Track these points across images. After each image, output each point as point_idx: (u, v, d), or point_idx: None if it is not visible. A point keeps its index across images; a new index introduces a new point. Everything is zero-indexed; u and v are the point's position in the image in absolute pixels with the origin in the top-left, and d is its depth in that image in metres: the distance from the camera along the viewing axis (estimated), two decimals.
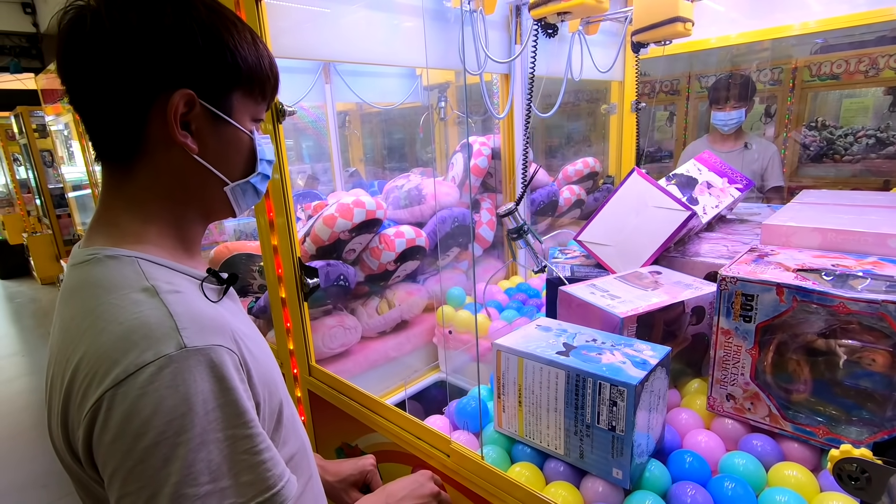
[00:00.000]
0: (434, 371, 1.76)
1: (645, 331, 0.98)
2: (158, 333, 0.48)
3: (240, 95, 0.61)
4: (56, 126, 5.28)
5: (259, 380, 0.57)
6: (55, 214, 6.16)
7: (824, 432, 0.81)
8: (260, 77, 0.62)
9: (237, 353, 0.54)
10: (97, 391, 0.47)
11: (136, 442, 0.46)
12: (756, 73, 3.19)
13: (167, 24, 0.54)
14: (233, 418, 0.50)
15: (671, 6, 1.45)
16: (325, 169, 2.70)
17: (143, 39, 0.54)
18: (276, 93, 0.67)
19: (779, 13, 1.94)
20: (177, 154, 0.59)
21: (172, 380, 0.47)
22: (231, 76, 0.59)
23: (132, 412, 0.46)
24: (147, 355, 0.47)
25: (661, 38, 1.59)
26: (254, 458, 0.51)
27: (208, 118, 0.59)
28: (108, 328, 0.49)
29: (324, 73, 2.32)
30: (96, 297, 0.52)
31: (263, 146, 0.67)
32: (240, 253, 1.81)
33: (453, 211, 1.86)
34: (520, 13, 1.79)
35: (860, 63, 2.85)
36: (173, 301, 0.52)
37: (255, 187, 0.67)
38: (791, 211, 1.13)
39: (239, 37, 0.59)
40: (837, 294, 0.76)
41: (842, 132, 3.07)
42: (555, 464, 0.88)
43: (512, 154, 1.96)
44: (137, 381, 0.46)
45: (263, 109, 0.67)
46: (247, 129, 0.63)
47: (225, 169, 0.63)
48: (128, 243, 0.57)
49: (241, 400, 0.51)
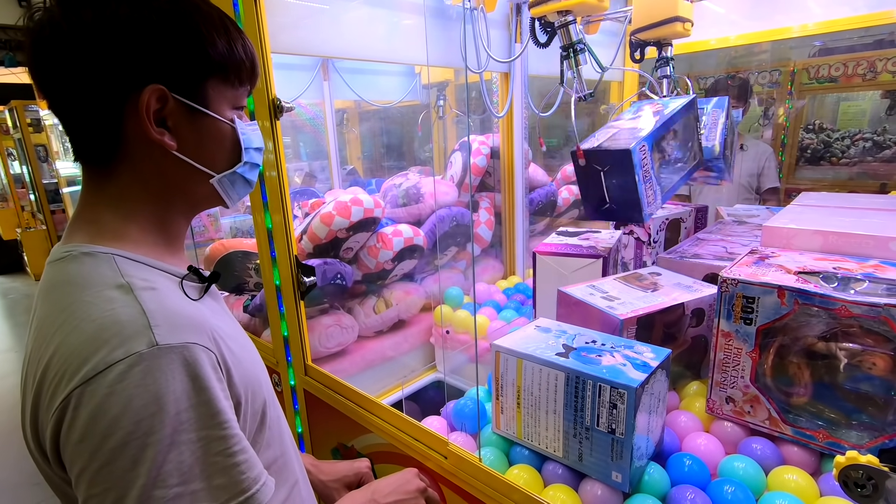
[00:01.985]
0: (431, 371, 1.75)
1: (644, 332, 0.97)
2: (130, 331, 0.47)
3: (215, 84, 0.59)
4: (51, 120, 5.24)
5: (240, 379, 0.56)
6: (49, 210, 6.11)
7: (824, 436, 0.80)
8: (234, 62, 0.60)
9: (215, 351, 0.52)
10: (65, 389, 0.46)
11: (103, 442, 0.44)
12: (755, 75, 3.20)
13: (123, 17, 0.52)
14: (206, 419, 0.48)
15: (671, 5, 1.44)
16: (322, 167, 2.69)
17: (101, 36, 0.52)
18: (256, 76, 0.64)
19: (778, 15, 1.94)
20: (157, 152, 0.57)
21: (143, 378, 0.46)
22: (202, 65, 0.57)
23: (100, 411, 0.45)
24: (117, 353, 0.46)
25: (661, 38, 1.55)
26: (228, 459, 0.49)
27: (184, 112, 0.57)
28: (80, 326, 0.48)
29: (322, 70, 2.31)
30: (70, 294, 0.51)
31: (249, 133, 0.64)
32: (236, 250, 1.79)
33: (452, 210, 1.85)
34: (520, 12, 1.78)
35: (858, 66, 2.86)
36: (147, 298, 0.51)
37: (244, 177, 0.65)
38: (791, 213, 1.13)
39: (206, 22, 0.57)
40: (839, 297, 0.75)
41: (839, 135, 3.08)
42: (553, 466, 0.87)
43: (511, 153, 1.95)
44: (106, 379, 0.45)
45: (244, 95, 0.64)
46: (227, 117, 0.61)
47: (208, 161, 0.61)
48: (107, 240, 0.56)
49: (217, 400, 0.50)
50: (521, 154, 1.94)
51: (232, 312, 0.81)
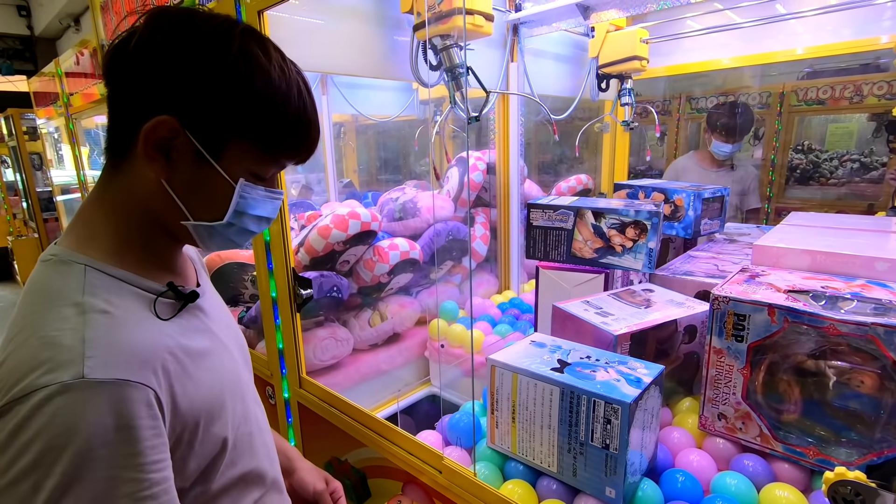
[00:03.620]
0: (425, 385, 1.75)
1: (638, 348, 0.99)
2: (64, 358, 0.48)
3: (242, 145, 0.58)
4: (47, 129, 5.23)
5: (190, 407, 0.55)
6: (42, 218, 6.06)
7: (815, 453, 0.81)
8: (274, 137, 0.59)
9: (154, 387, 0.51)
10: (1, 399, 0.47)
11: (13, 461, 0.45)
12: (745, 97, 3.27)
13: (185, 47, 0.54)
14: (121, 458, 0.48)
15: (630, 46, 1.85)
16: (319, 179, 2.70)
17: (156, 57, 0.54)
18: (299, 155, 0.63)
19: (768, 39, 2.00)
20: (152, 171, 0.57)
21: (61, 408, 0.46)
22: (233, 123, 0.56)
23: (18, 431, 0.46)
24: (43, 379, 0.47)
25: (622, 72, 1.94)
26: (135, 503, 0.48)
27: (191, 152, 0.57)
28: (28, 341, 0.50)
29: (321, 84, 2.34)
30: (35, 303, 0.53)
31: (255, 201, 0.62)
32: (231, 262, 1.79)
33: (448, 224, 1.86)
34: (517, 32, 1.83)
35: (845, 90, 2.93)
36: (96, 324, 0.51)
37: (225, 235, 0.63)
38: (781, 232, 1.15)
39: (264, 88, 0.56)
40: (828, 315, 0.77)
41: (827, 156, 3.15)
42: (548, 481, 0.87)
43: (507, 169, 1.98)
44: (29, 402, 0.46)
45: (271, 169, 0.62)
46: (234, 178, 0.59)
47: (191, 205, 0.59)
48: (90, 247, 0.57)
49: (139, 440, 0.49)
50: (516, 170, 1.96)
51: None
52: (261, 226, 0.65)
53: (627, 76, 1.97)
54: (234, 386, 0.65)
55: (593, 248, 1.24)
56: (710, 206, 1.49)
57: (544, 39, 1.97)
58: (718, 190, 1.51)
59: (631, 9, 1.57)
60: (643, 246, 1.18)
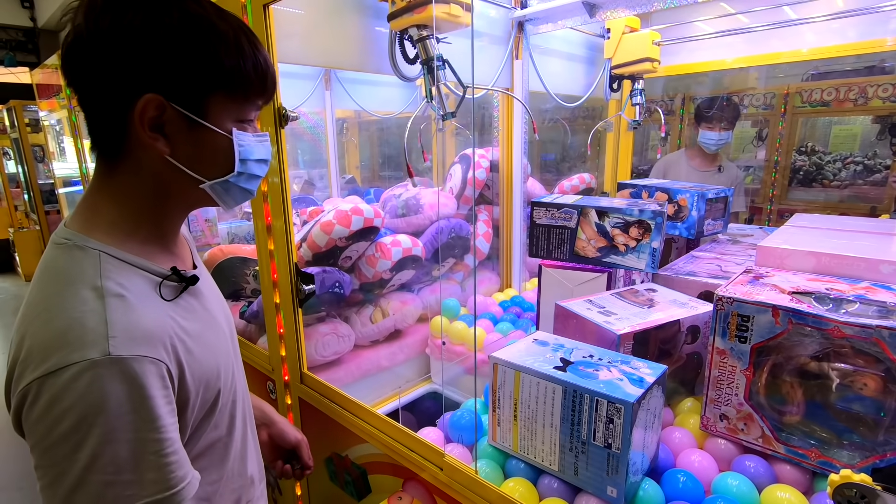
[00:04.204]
0: (426, 382, 1.75)
1: (640, 348, 0.98)
2: (90, 337, 0.54)
3: (219, 97, 0.62)
4: (49, 121, 5.23)
5: (193, 378, 0.62)
6: (44, 210, 6.06)
7: (817, 455, 0.81)
8: (241, 78, 0.62)
9: (166, 361, 0.58)
10: (30, 376, 0.53)
11: (53, 426, 0.52)
12: (749, 98, 3.26)
13: (135, 28, 0.56)
14: (144, 423, 0.55)
15: (642, 48, 1.89)
16: (321, 175, 2.70)
17: (113, 43, 0.56)
18: (268, 91, 0.67)
19: (774, 40, 1.99)
20: (154, 154, 0.61)
21: (92, 381, 0.52)
22: (205, 80, 0.60)
23: (54, 401, 0.52)
24: (74, 356, 0.52)
25: (634, 73, 1.96)
26: (161, 459, 0.56)
27: (182, 121, 0.60)
28: (52, 321, 0.55)
29: (324, 79, 2.33)
30: (55, 284, 0.58)
31: (250, 145, 0.66)
32: (234, 256, 1.79)
33: (451, 222, 1.86)
34: (522, 28, 1.82)
35: (850, 91, 2.92)
36: (114, 307, 0.56)
37: (239, 186, 0.68)
38: (785, 234, 1.15)
39: (214, 38, 0.59)
40: (832, 318, 0.77)
41: (831, 158, 3.14)
42: (549, 480, 0.87)
43: (510, 166, 1.98)
44: (63, 376, 0.52)
45: (251, 110, 0.67)
46: (226, 130, 0.63)
47: (200, 169, 0.64)
48: (101, 232, 0.61)
49: (155, 408, 0.56)
50: (520, 168, 1.96)
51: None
52: (263, 168, 0.70)
53: (639, 77, 1.99)
54: (225, 358, 0.72)
55: (596, 247, 1.24)
56: (714, 206, 1.49)
57: (550, 38, 1.97)
58: (722, 191, 1.51)
59: (637, 7, 1.57)
60: (647, 245, 1.18)
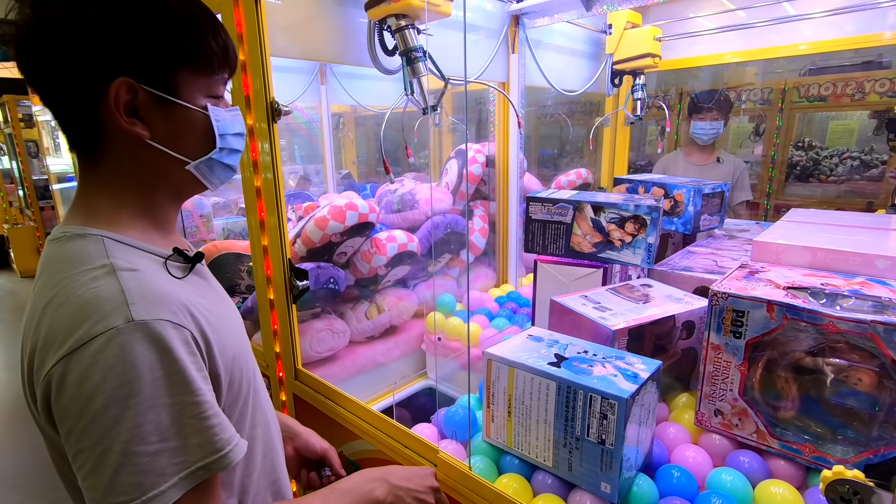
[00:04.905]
0: (422, 378, 1.75)
1: (635, 344, 0.98)
2: (109, 307, 0.52)
3: (186, 74, 0.61)
4: (43, 116, 5.19)
5: (220, 351, 0.60)
6: (38, 206, 6.03)
7: (811, 450, 0.81)
8: (204, 52, 0.61)
9: (189, 327, 0.56)
10: (54, 357, 0.51)
11: (88, 403, 0.49)
12: (746, 93, 3.25)
13: (88, 13, 0.54)
14: (179, 386, 0.53)
15: (644, 44, 1.91)
16: (317, 170, 2.68)
17: (68, 32, 0.55)
18: (231, 63, 0.65)
19: (771, 35, 1.98)
20: (133, 141, 0.60)
21: (120, 349, 0.50)
22: (168, 57, 0.59)
23: (85, 377, 0.50)
24: (98, 327, 0.51)
25: (635, 68, 1.98)
26: (202, 422, 0.54)
27: (155, 102, 0.59)
28: (67, 301, 0.53)
29: (320, 73, 2.31)
30: (62, 271, 0.56)
31: (226, 119, 0.65)
32: (228, 252, 1.78)
33: (447, 217, 1.85)
34: (519, 23, 1.80)
35: (847, 86, 2.92)
36: (127, 278, 0.55)
37: (222, 162, 0.67)
38: (781, 229, 1.14)
39: (172, 15, 0.59)
40: (826, 313, 0.77)
41: (828, 153, 3.13)
42: (543, 476, 0.87)
43: (506, 161, 1.97)
44: (89, 350, 0.50)
45: (219, 84, 0.66)
46: (199, 105, 0.62)
47: (182, 149, 0.63)
48: (99, 223, 0.60)
49: (187, 370, 0.54)
50: (516, 163, 1.95)
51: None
52: (240, 142, 0.69)
53: (640, 72, 2.00)
54: (245, 345, 0.70)
55: (592, 243, 1.23)
56: (710, 201, 1.49)
57: (550, 33, 1.95)
58: (719, 185, 1.50)
59: (633, 0, 1.56)
60: (642, 241, 1.17)
